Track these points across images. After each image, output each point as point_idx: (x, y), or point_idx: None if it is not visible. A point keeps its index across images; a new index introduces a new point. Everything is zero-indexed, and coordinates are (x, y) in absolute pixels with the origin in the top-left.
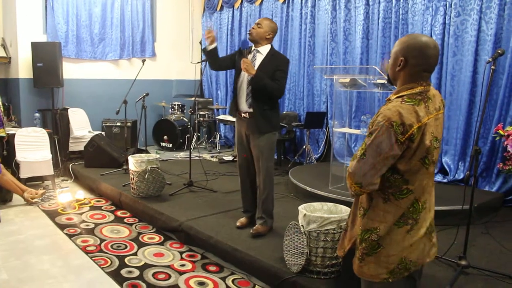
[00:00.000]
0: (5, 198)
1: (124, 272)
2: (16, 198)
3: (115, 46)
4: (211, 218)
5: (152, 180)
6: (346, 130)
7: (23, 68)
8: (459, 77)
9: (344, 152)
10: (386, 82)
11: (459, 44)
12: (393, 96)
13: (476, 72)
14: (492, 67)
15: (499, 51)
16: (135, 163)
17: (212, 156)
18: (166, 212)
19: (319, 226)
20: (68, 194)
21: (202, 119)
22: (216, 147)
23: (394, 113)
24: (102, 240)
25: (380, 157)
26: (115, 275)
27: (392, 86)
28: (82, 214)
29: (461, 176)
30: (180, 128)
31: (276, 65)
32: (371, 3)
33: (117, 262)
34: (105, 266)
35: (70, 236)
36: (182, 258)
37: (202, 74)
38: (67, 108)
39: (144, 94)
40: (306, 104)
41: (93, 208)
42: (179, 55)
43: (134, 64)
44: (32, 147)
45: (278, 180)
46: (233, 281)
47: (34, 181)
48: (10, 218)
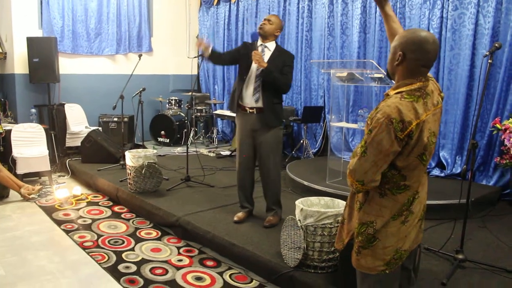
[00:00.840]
0: (1, 194)
1: (121, 267)
2: (13, 194)
3: (112, 41)
4: (209, 213)
5: (149, 176)
6: (344, 124)
7: (18, 64)
8: (456, 71)
9: (342, 147)
10: (384, 77)
11: (457, 38)
12: (391, 91)
13: (474, 66)
14: (489, 61)
15: (496, 45)
16: (132, 158)
17: (209, 151)
18: (163, 207)
19: (316, 220)
20: (65, 190)
21: (199, 114)
22: (213, 142)
23: (393, 109)
24: (99, 236)
25: (381, 154)
26: (113, 270)
27: (390, 81)
28: (79, 209)
29: (458, 170)
30: (177, 123)
31: (284, 60)
32: None
33: (114, 258)
34: (102, 262)
35: (67, 232)
36: (180, 253)
37: (199, 68)
38: (64, 104)
39: (141, 89)
40: (304, 98)
41: (90, 203)
42: (176, 50)
43: (130, 59)
44: (29, 143)
45: None
46: (230, 276)
47: (31, 177)
48: (7, 214)
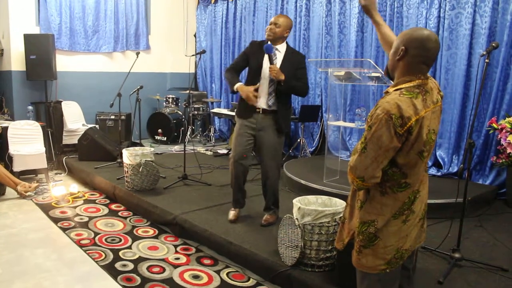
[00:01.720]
0: None
1: (118, 265)
2: (9, 191)
3: (109, 38)
4: (206, 212)
5: (147, 174)
6: (341, 123)
7: (15, 61)
8: (453, 70)
9: (339, 146)
10: (381, 76)
11: (454, 38)
12: (391, 88)
13: (470, 66)
14: (486, 61)
15: (493, 45)
16: (129, 156)
17: (206, 150)
18: (160, 205)
19: (313, 219)
20: (62, 188)
21: (196, 112)
22: (210, 140)
23: (392, 105)
24: (96, 234)
25: (381, 150)
26: (110, 268)
27: (388, 80)
28: (76, 207)
29: (455, 170)
30: (175, 121)
31: (297, 63)
32: None
33: (111, 256)
34: (99, 260)
35: (64, 229)
36: (177, 252)
37: (196, 67)
38: (61, 101)
39: (138, 87)
40: (301, 97)
41: (87, 201)
42: (173, 48)
43: (128, 57)
44: (25, 140)
45: None
46: (227, 274)
47: (28, 174)
48: (3, 211)
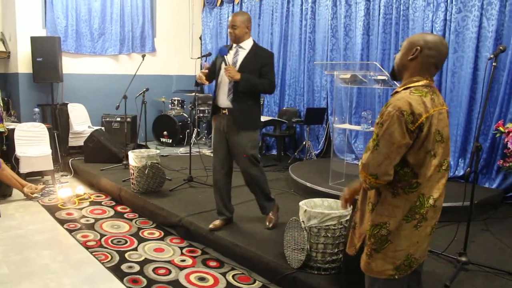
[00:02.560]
0: (5, 193)
1: (124, 267)
2: (16, 193)
3: (115, 41)
4: (211, 214)
5: (152, 176)
6: (347, 126)
7: (22, 63)
8: (459, 73)
9: (344, 149)
10: (387, 79)
11: (460, 41)
12: (399, 88)
13: (477, 69)
14: (493, 64)
15: (501, 48)
16: (135, 158)
17: (211, 152)
18: (166, 207)
19: (319, 222)
20: (68, 189)
21: (202, 115)
22: None
23: (404, 103)
24: (102, 235)
25: (394, 146)
26: (115, 270)
27: (393, 83)
28: (82, 209)
29: (461, 173)
30: (180, 123)
31: (261, 60)
32: None
33: (117, 257)
34: (105, 261)
35: (70, 231)
36: (182, 254)
37: (202, 69)
38: (67, 103)
39: (144, 90)
40: (306, 100)
41: (93, 203)
42: (179, 50)
43: (134, 59)
44: (32, 142)
45: (278, 176)
46: (233, 276)
47: (34, 176)
48: (10, 213)
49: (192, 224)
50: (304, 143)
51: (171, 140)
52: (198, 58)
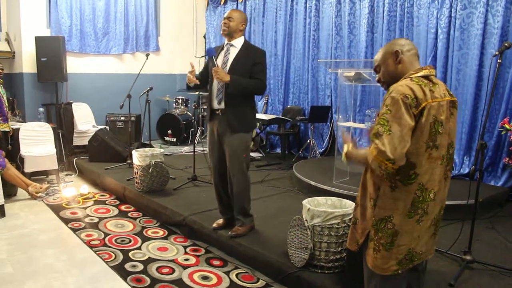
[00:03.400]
0: (9, 192)
1: (128, 266)
2: (20, 192)
3: (119, 40)
4: (215, 213)
5: (156, 175)
6: (351, 124)
7: (27, 63)
8: (464, 71)
9: None
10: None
11: (465, 38)
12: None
13: (482, 66)
14: (498, 61)
15: (506, 44)
16: (139, 157)
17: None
18: (170, 206)
19: (323, 220)
20: (72, 189)
21: (206, 114)
22: None
23: (406, 88)
24: (106, 234)
25: (406, 128)
26: (119, 269)
27: None
28: (86, 208)
29: (466, 171)
30: (184, 122)
31: (253, 58)
32: None
33: (121, 256)
34: (109, 260)
35: (75, 230)
36: (186, 253)
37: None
38: (71, 103)
39: (148, 89)
40: (311, 98)
41: (97, 202)
42: (183, 49)
43: (138, 58)
44: (37, 141)
45: (282, 175)
46: (237, 275)
47: (39, 175)
48: (15, 212)
49: (195, 223)
50: (308, 141)
51: (175, 139)
52: (202, 56)
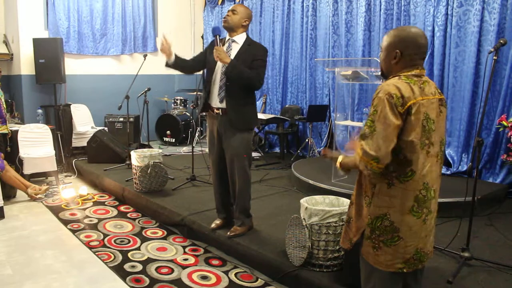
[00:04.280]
0: (9, 194)
1: (127, 266)
2: (20, 194)
3: (117, 41)
4: (214, 212)
5: (155, 175)
6: (349, 123)
7: (25, 65)
8: (462, 68)
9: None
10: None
11: (462, 35)
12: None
13: (479, 63)
14: (494, 58)
15: (501, 41)
16: (137, 158)
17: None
18: (169, 206)
19: (320, 219)
20: (71, 190)
21: (204, 114)
22: None
23: (392, 87)
24: (106, 235)
25: (390, 127)
26: (118, 269)
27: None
28: (85, 209)
29: (464, 168)
30: (183, 122)
31: (254, 54)
32: None
33: (120, 257)
34: (108, 261)
35: (74, 231)
36: (185, 252)
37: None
38: (70, 104)
39: (146, 89)
40: (309, 97)
41: (96, 203)
42: (181, 49)
43: (136, 59)
44: (35, 143)
45: (281, 174)
46: (236, 274)
47: (38, 177)
48: (14, 214)
49: (194, 223)
50: (307, 140)
51: (174, 140)
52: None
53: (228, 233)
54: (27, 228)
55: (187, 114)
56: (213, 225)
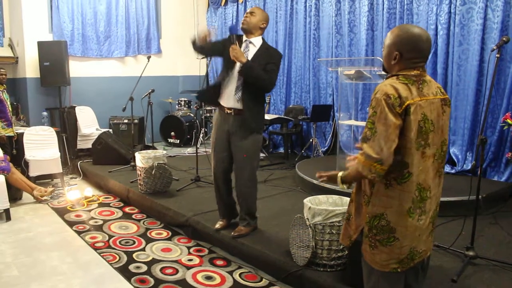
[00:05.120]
0: (15, 196)
1: (132, 267)
2: (25, 196)
3: (121, 43)
4: (218, 213)
5: (159, 176)
6: (353, 122)
7: (30, 68)
8: (465, 66)
9: (351, 145)
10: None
11: (465, 33)
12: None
13: (483, 61)
14: (497, 55)
15: (504, 39)
16: (142, 159)
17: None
18: (173, 207)
19: (324, 218)
20: (76, 192)
21: (208, 115)
22: None
23: (389, 87)
24: (111, 236)
25: (391, 128)
26: (123, 270)
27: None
28: (90, 211)
29: (469, 167)
30: (187, 124)
31: (269, 58)
32: None
33: (125, 258)
34: (113, 262)
35: (79, 232)
36: (190, 253)
37: (207, 68)
38: (75, 106)
39: (150, 91)
40: (313, 97)
41: (101, 205)
42: (184, 51)
43: (140, 61)
44: (41, 145)
45: (285, 174)
46: (240, 274)
47: (43, 179)
48: (20, 216)
49: (199, 223)
50: (311, 140)
51: (178, 141)
52: (203, 57)
53: (233, 233)
54: (33, 230)
55: (191, 115)
56: (217, 225)
